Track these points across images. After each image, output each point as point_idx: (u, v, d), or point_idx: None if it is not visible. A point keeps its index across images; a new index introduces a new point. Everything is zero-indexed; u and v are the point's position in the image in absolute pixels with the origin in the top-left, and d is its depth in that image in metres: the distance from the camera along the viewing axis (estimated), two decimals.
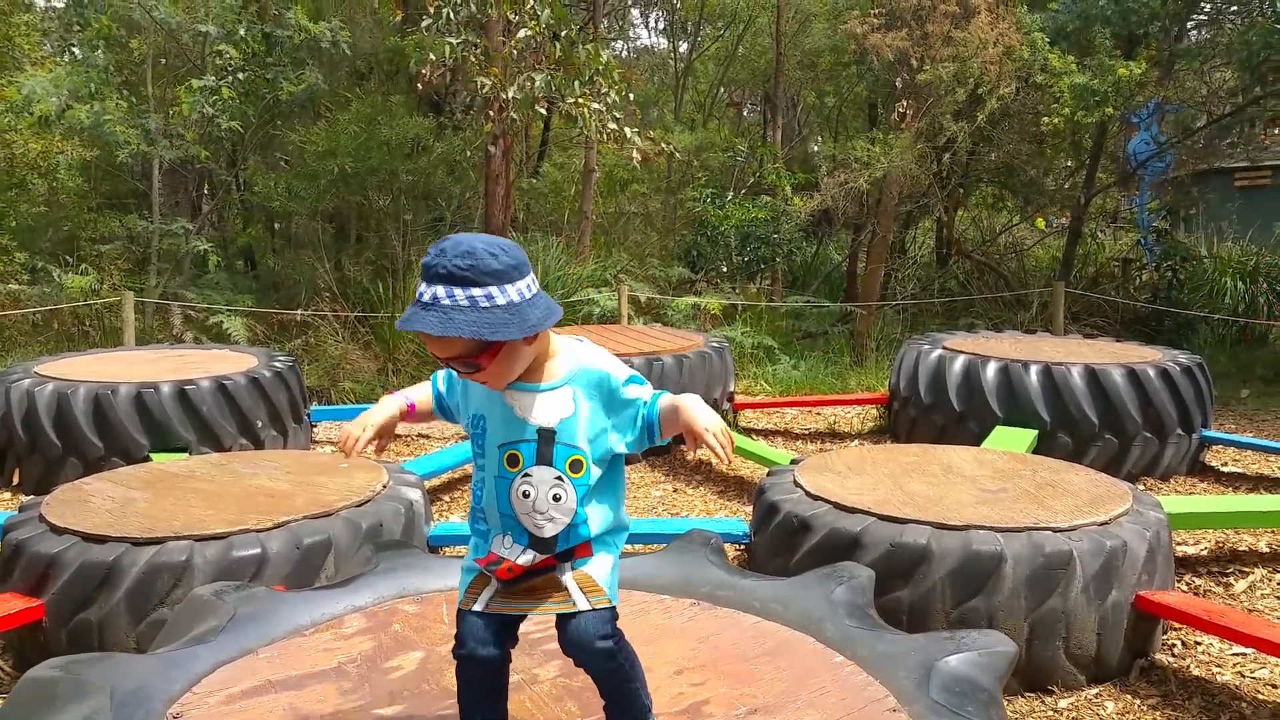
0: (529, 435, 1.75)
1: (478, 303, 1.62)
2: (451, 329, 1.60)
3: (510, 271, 1.65)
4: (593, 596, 1.77)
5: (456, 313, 1.61)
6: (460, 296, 1.61)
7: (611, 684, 1.81)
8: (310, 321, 9.48)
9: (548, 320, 1.69)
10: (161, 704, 1.99)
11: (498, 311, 1.62)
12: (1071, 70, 9.46)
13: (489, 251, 1.64)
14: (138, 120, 9.71)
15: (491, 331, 1.61)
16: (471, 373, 1.71)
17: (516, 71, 7.83)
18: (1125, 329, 10.44)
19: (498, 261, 1.64)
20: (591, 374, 1.77)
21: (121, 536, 3.13)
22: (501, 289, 1.63)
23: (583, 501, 1.76)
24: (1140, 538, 3.25)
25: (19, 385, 5.36)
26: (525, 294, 1.66)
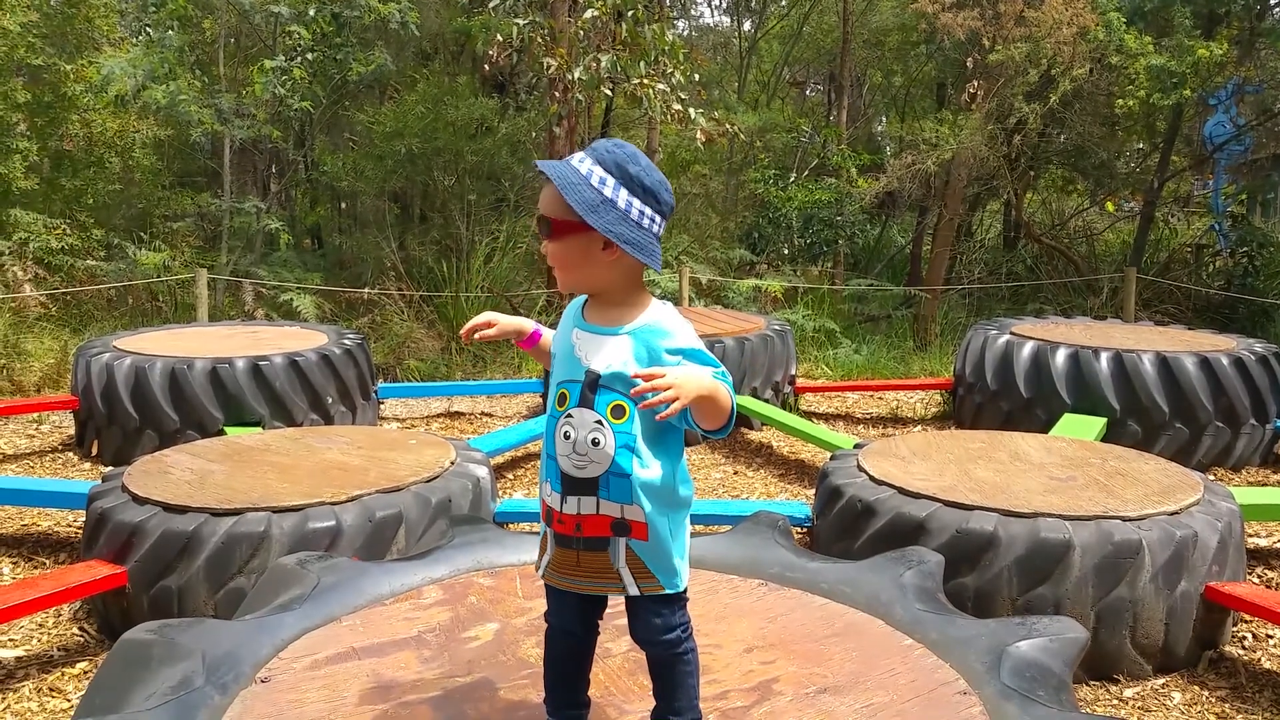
0: (578, 376, 1.72)
1: (589, 177, 1.65)
2: (552, 171, 1.65)
3: (637, 184, 1.68)
4: (644, 583, 1.73)
5: (568, 169, 1.66)
6: (587, 163, 1.67)
7: (669, 672, 1.80)
8: (376, 300, 9.64)
9: (637, 248, 1.67)
10: (250, 667, 2.07)
11: (592, 192, 1.65)
12: (1148, 51, 9.22)
13: (635, 158, 1.68)
14: (211, 100, 9.92)
15: (573, 194, 1.63)
16: (544, 238, 1.72)
17: (582, 52, 7.84)
18: (1198, 316, 10.20)
19: (637, 168, 1.68)
20: (654, 330, 1.72)
21: (201, 507, 3.24)
22: (617, 186, 1.66)
23: (624, 451, 1.69)
24: (1211, 528, 3.20)
25: (99, 359, 5.53)
26: (633, 212, 1.67)
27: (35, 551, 4.19)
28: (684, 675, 1.80)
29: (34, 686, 3.08)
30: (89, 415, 5.58)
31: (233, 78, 10.63)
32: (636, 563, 1.72)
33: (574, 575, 1.76)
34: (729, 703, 2.03)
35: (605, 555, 1.73)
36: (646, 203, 1.69)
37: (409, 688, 2.06)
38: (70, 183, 10.43)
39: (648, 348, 1.70)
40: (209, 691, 1.94)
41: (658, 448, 1.73)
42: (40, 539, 4.33)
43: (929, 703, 1.99)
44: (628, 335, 1.71)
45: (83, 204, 10.44)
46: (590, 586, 1.77)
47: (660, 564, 1.73)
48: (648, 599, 1.74)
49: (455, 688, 2.06)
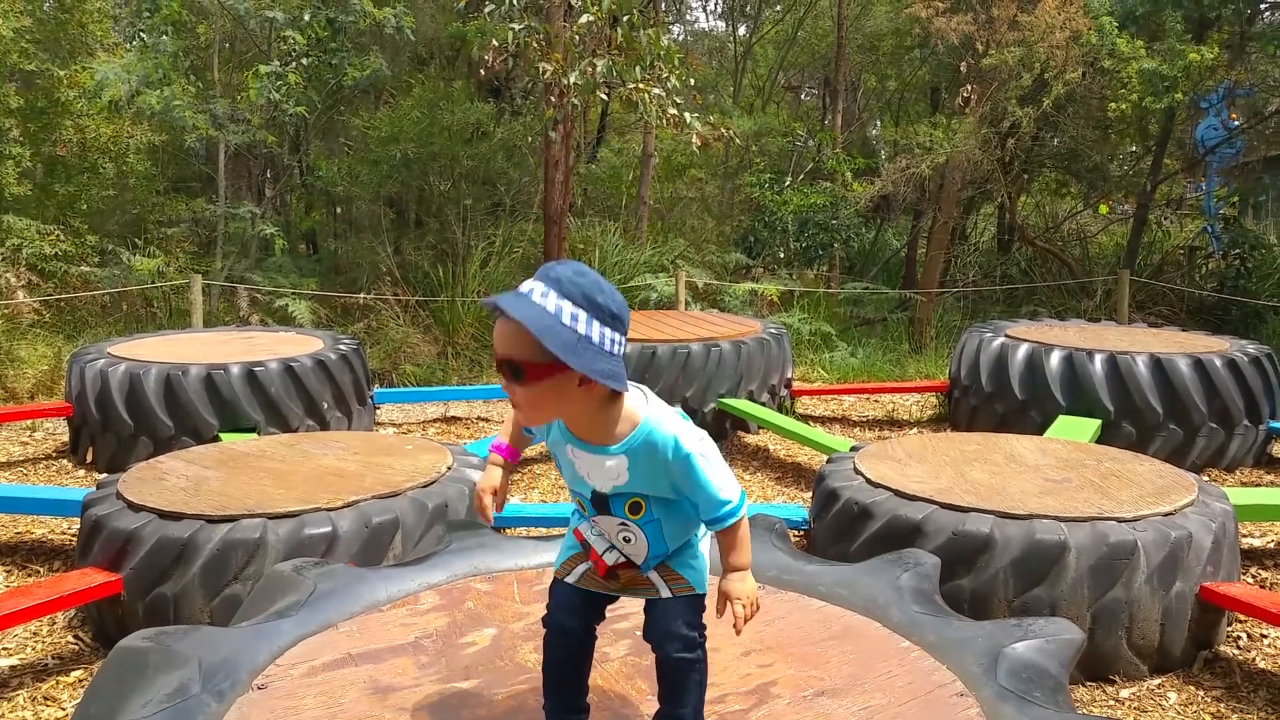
0: (586, 491, 1.76)
1: (559, 314, 1.55)
2: (519, 315, 1.52)
3: (605, 313, 1.59)
4: (675, 585, 1.80)
5: (533, 310, 1.54)
6: (551, 298, 1.56)
7: (679, 678, 1.80)
8: (372, 305, 9.64)
9: (610, 380, 1.59)
10: (247, 675, 2.07)
11: (568, 331, 1.55)
12: (1140, 55, 9.26)
13: (600, 286, 1.58)
14: (205, 105, 9.91)
15: (552, 342, 1.52)
16: (510, 383, 1.61)
17: (578, 57, 7.85)
18: (1191, 318, 10.24)
19: (603, 296, 1.58)
20: (649, 442, 1.67)
21: (196, 514, 3.23)
22: (589, 320, 1.57)
23: (656, 540, 1.75)
24: (1206, 529, 3.22)
25: (93, 365, 5.53)
26: (605, 343, 1.59)
27: (29, 559, 4.18)
28: (693, 683, 1.82)
29: (28, 695, 3.07)
30: (83, 422, 5.57)
31: (227, 83, 10.62)
32: (667, 570, 1.80)
33: (606, 587, 1.84)
34: (727, 706, 2.03)
35: (636, 570, 1.81)
36: (615, 329, 1.61)
37: (406, 694, 2.06)
38: (64, 189, 10.42)
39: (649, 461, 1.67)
40: (205, 699, 1.94)
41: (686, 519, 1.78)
42: (34, 547, 4.32)
43: (926, 705, 1.99)
44: (623, 455, 1.68)
45: (76, 210, 10.43)
46: (626, 592, 1.83)
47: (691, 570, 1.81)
48: (676, 600, 1.79)
49: (453, 693, 2.06)
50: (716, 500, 1.68)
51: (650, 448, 1.66)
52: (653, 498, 1.72)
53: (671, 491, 1.71)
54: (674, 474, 1.68)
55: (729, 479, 1.70)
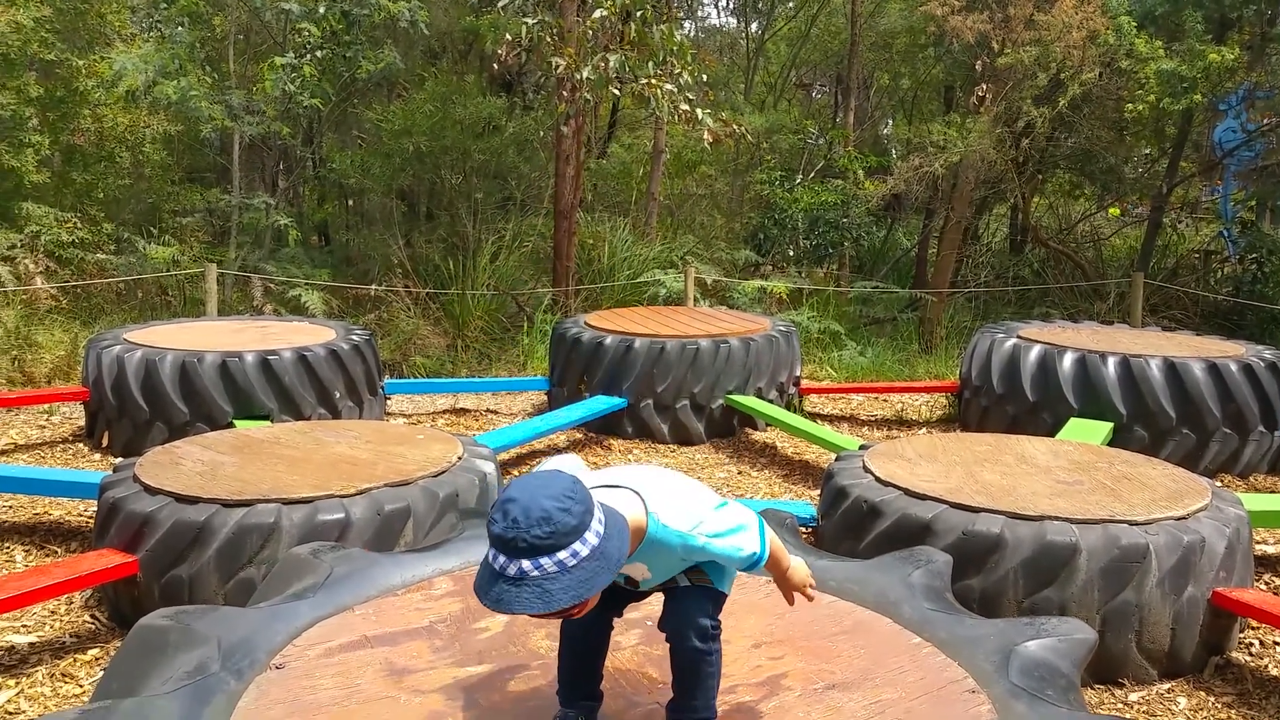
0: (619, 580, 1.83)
1: (565, 565, 1.55)
2: (554, 602, 1.53)
3: (585, 518, 1.59)
4: (695, 577, 1.84)
5: (550, 582, 1.54)
6: (549, 565, 1.54)
7: (693, 669, 1.83)
8: (383, 297, 9.67)
9: (625, 545, 1.63)
10: (265, 654, 2.10)
11: (586, 564, 1.57)
12: (1159, 55, 9.21)
13: (561, 509, 1.56)
14: (221, 96, 9.96)
15: (589, 588, 1.56)
16: (569, 615, 1.65)
17: (590, 51, 7.86)
18: (1205, 322, 10.20)
19: (573, 516, 1.57)
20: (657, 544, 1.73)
21: (212, 498, 3.26)
22: (583, 540, 1.57)
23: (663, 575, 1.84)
24: (1219, 534, 3.21)
25: (109, 351, 5.56)
26: (600, 530, 1.60)
27: (47, 540, 4.22)
28: (707, 674, 1.84)
29: (47, 672, 3.10)
30: (99, 407, 5.61)
31: (242, 74, 10.66)
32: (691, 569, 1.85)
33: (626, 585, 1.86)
34: (738, 697, 2.04)
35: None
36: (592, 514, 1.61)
37: (421, 676, 2.08)
38: (81, 177, 10.48)
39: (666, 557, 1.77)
40: (224, 677, 1.96)
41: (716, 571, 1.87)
42: (52, 528, 4.36)
43: (937, 700, 2.00)
44: (640, 563, 1.77)
45: (93, 198, 10.49)
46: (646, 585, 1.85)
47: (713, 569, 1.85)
48: (694, 590, 1.82)
49: (467, 677, 2.08)
50: (741, 560, 1.79)
51: (661, 548, 1.74)
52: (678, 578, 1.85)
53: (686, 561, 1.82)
54: (693, 559, 1.79)
55: (740, 534, 1.77)
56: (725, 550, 1.76)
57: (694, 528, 1.73)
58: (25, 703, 2.93)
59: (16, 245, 9.09)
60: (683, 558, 1.77)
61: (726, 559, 1.77)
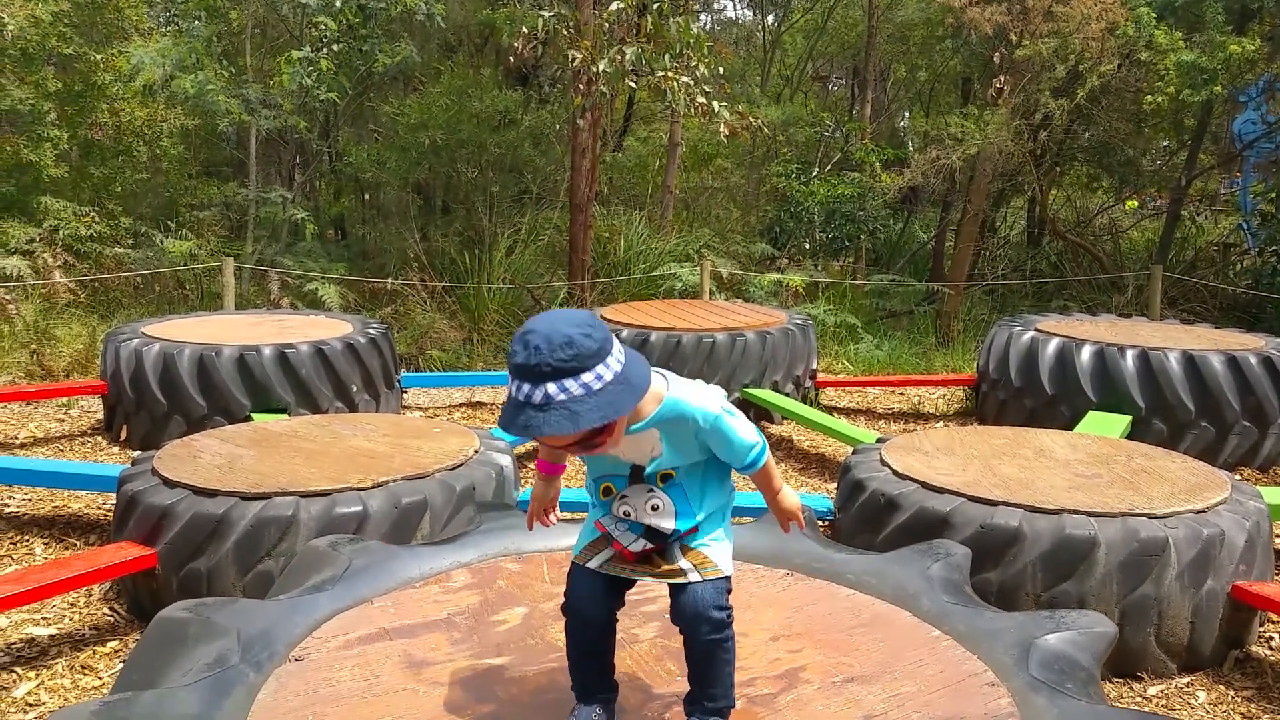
0: (621, 470, 1.80)
1: (591, 387, 1.57)
2: (583, 423, 1.55)
3: (606, 343, 1.61)
4: (704, 569, 1.81)
5: (578, 404, 1.56)
6: (574, 387, 1.56)
7: (709, 659, 1.83)
8: (399, 290, 9.69)
9: (646, 377, 1.67)
10: (284, 646, 2.11)
11: (611, 388, 1.59)
12: (1179, 47, 9.13)
13: (583, 334, 1.58)
14: (238, 90, 9.99)
15: (615, 409, 1.58)
16: (592, 450, 1.68)
17: (607, 44, 7.85)
18: (1224, 315, 10.11)
19: (594, 340, 1.59)
20: (677, 414, 1.75)
21: (230, 491, 3.28)
22: (606, 364, 1.60)
23: (680, 500, 1.79)
24: (1239, 527, 3.19)
25: (127, 345, 5.59)
26: (621, 359, 1.63)
27: (66, 533, 4.25)
28: (723, 662, 1.83)
29: (66, 664, 3.13)
30: (118, 400, 5.64)
31: (259, 68, 10.69)
32: (693, 553, 1.82)
33: (636, 568, 1.84)
34: (756, 690, 2.04)
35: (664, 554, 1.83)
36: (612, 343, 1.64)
37: (439, 668, 2.09)
38: (99, 171, 10.54)
39: (681, 431, 1.76)
40: (244, 669, 1.97)
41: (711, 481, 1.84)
42: (71, 520, 4.39)
43: (957, 693, 2.00)
44: (654, 427, 1.75)
45: (111, 192, 10.56)
46: (652, 576, 1.83)
47: (717, 549, 1.84)
48: (705, 583, 1.80)
49: (485, 669, 2.09)
50: (744, 447, 1.79)
51: (680, 419, 1.74)
52: (681, 468, 1.80)
53: (701, 453, 1.81)
54: (705, 437, 1.77)
55: (748, 427, 1.80)
56: (736, 431, 1.77)
57: (713, 402, 1.77)
58: (45, 695, 2.95)
59: (35, 239, 9.16)
60: (696, 433, 1.76)
61: (735, 443, 1.77)
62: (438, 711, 1.92)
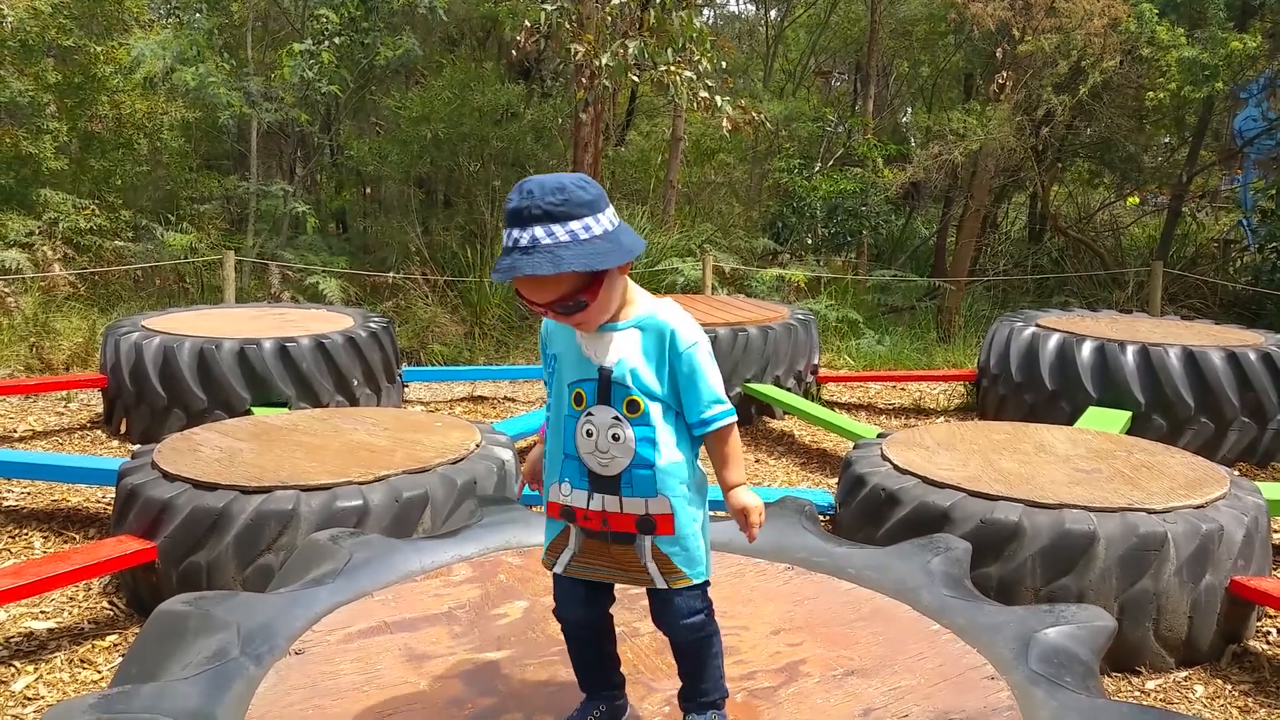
0: (592, 374, 1.71)
1: (578, 235, 1.57)
2: (564, 265, 1.55)
3: (599, 200, 1.62)
4: (672, 578, 1.73)
5: (563, 249, 1.56)
6: (561, 232, 1.57)
7: (693, 657, 1.81)
8: (401, 284, 9.69)
9: (638, 244, 1.66)
10: (284, 640, 2.11)
11: (599, 241, 1.59)
12: (1181, 43, 9.11)
13: (576, 184, 1.61)
14: (239, 83, 9.98)
15: (600, 259, 1.58)
16: (575, 313, 1.64)
17: (609, 38, 7.83)
18: (1224, 312, 10.11)
19: (587, 192, 1.61)
20: (658, 324, 1.70)
21: (231, 484, 3.27)
22: (596, 218, 1.60)
23: (644, 443, 1.69)
24: (1237, 522, 3.20)
25: (127, 338, 5.59)
26: (614, 222, 1.64)
27: (65, 526, 4.25)
28: (709, 656, 1.81)
29: (65, 658, 3.13)
30: (117, 394, 5.64)
31: (260, 61, 10.68)
32: (663, 559, 1.72)
33: (603, 565, 1.77)
34: (757, 683, 2.04)
35: (633, 550, 1.73)
36: (607, 204, 1.65)
37: (440, 662, 2.09)
38: (99, 164, 10.53)
39: (656, 344, 1.70)
40: (244, 662, 1.97)
41: (677, 437, 1.73)
42: (70, 514, 4.40)
43: (957, 687, 2.00)
44: (634, 328, 1.70)
45: (111, 185, 10.54)
46: (619, 578, 1.77)
47: (687, 557, 1.73)
48: (676, 592, 1.73)
49: (486, 662, 2.09)
50: (709, 396, 1.70)
51: (659, 331, 1.70)
52: (650, 399, 1.69)
53: (668, 389, 1.71)
54: (676, 364, 1.69)
55: (721, 383, 1.72)
56: (704, 373, 1.69)
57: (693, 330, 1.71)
58: (44, 688, 2.95)
59: (35, 232, 9.15)
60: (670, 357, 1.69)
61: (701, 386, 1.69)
62: (438, 704, 1.92)
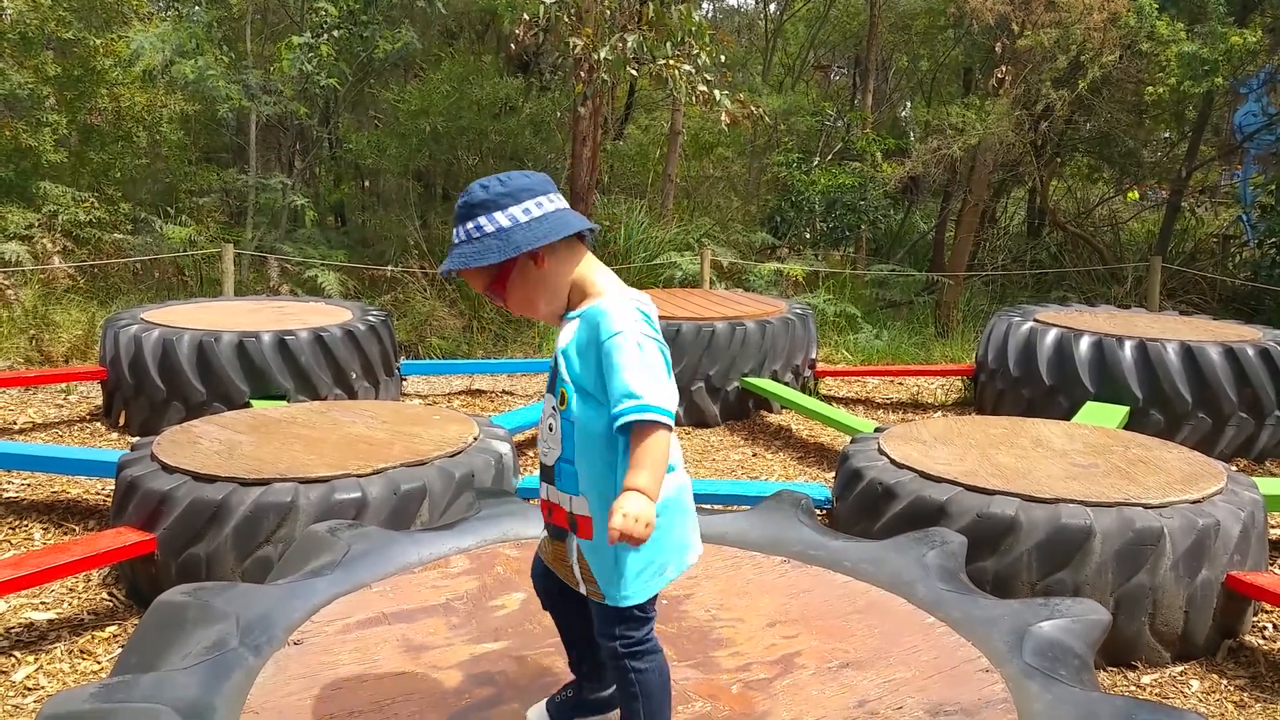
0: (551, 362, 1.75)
1: (471, 234, 1.69)
2: (455, 263, 1.69)
3: (501, 199, 1.68)
4: (587, 585, 1.68)
5: (459, 248, 1.70)
6: (461, 232, 1.70)
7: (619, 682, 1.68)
8: (399, 278, 9.69)
9: (540, 239, 1.67)
10: (283, 631, 2.12)
11: (487, 239, 1.67)
12: (1180, 38, 9.10)
13: (481, 185, 1.70)
14: (238, 76, 9.97)
15: (476, 258, 1.66)
16: (499, 302, 1.76)
17: (608, 32, 7.83)
18: (1223, 307, 10.12)
19: (487, 192, 1.69)
20: (593, 313, 1.65)
21: (230, 476, 3.28)
22: (489, 217, 1.68)
23: (567, 439, 1.65)
24: (1234, 517, 3.20)
25: (127, 330, 5.59)
26: (519, 218, 1.68)
27: (65, 518, 4.26)
28: (630, 695, 1.67)
29: (65, 648, 3.14)
30: (117, 386, 5.65)
31: (259, 54, 10.67)
32: (583, 564, 1.67)
33: (548, 554, 1.79)
34: (752, 674, 2.05)
35: (564, 546, 1.72)
36: (520, 200, 1.69)
37: (438, 653, 2.10)
38: (98, 156, 10.52)
39: (589, 333, 1.65)
40: (243, 652, 1.98)
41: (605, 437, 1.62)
42: (70, 506, 4.40)
43: (951, 679, 2.01)
44: (578, 318, 1.70)
45: (110, 178, 10.54)
46: (559, 569, 1.76)
47: (603, 570, 1.64)
48: (597, 604, 1.67)
49: (483, 654, 2.10)
50: (621, 390, 1.55)
51: (591, 321, 1.64)
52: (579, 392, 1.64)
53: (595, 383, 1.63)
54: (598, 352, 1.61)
55: (651, 379, 1.55)
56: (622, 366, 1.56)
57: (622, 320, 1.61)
58: (44, 678, 2.96)
59: (34, 224, 9.15)
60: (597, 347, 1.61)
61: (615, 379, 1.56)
62: (436, 695, 1.93)
